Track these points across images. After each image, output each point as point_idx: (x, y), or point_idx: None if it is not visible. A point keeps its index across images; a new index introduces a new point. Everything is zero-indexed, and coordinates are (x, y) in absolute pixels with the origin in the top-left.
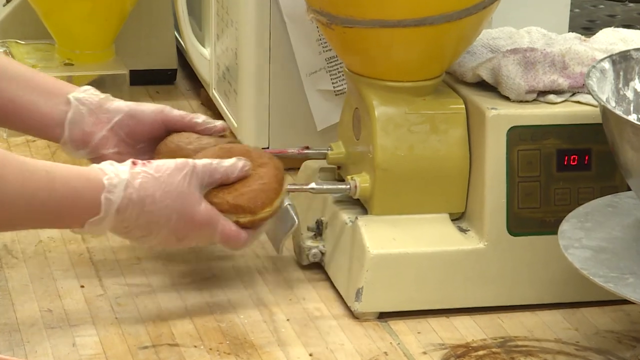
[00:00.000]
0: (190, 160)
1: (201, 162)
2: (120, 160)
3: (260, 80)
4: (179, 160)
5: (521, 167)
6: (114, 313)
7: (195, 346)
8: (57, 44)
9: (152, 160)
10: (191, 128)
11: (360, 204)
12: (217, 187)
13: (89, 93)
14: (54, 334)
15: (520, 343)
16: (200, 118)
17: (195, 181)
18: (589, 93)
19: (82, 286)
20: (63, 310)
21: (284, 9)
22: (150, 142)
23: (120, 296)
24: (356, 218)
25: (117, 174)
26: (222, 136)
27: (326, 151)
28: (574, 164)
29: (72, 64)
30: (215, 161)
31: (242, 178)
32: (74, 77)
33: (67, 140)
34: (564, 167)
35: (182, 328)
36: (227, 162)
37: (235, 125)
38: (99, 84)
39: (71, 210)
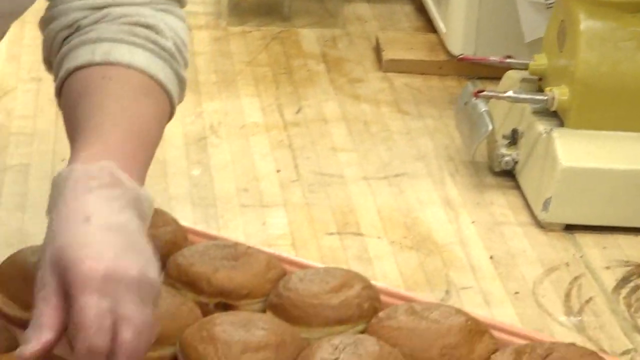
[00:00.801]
0: None
1: None
2: None
3: None
4: None
5: None
6: (305, 199)
7: (379, 237)
8: None
9: None
10: None
11: (557, 117)
12: None
13: None
14: (247, 212)
15: None
16: None
17: None
18: None
19: (278, 170)
20: (258, 192)
21: None
22: None
23: (313, 184)
24: (551, 129)
25: None
26: None
27: (528, 62)
28: None
29: None
30: None
31: None
32: None
33: None
34: None
35: (369, 219)
36: None
37: (444, 30)
38: None
39: None
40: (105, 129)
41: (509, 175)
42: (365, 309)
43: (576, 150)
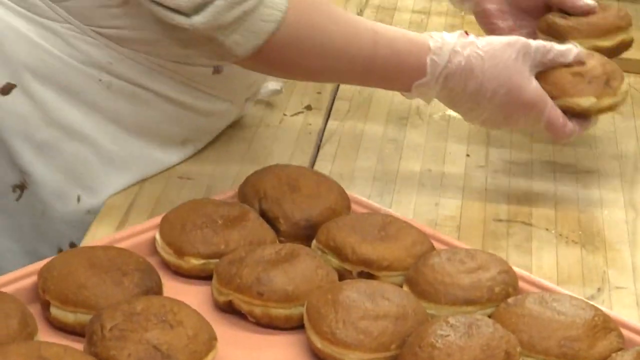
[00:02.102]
0: (522, 38)
1: (535, 41)
2: (500, 19)
3: None
4: (512, 37)
5: None
6: (485, 184)
7: (547, 229)
8: None
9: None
10: (562, 3)
11: None
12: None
13: None
14: (423, 190)
15: None
16: None
17: (527, 59)
18: None
19: (468, 155)
20: (442, 173)
21: None
22: (531, 13)
23: (498, 171)
24: None
25: (444, 39)
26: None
27: None
28: None
29: None
30: (549, 43)
31: (575, 63)
32: None
33: None
34: None
35: (543, 211)
36: (562, 46)
37: None
38: None
39: (396, 71)
40: None
41: None
42: (496, 292)
43: None
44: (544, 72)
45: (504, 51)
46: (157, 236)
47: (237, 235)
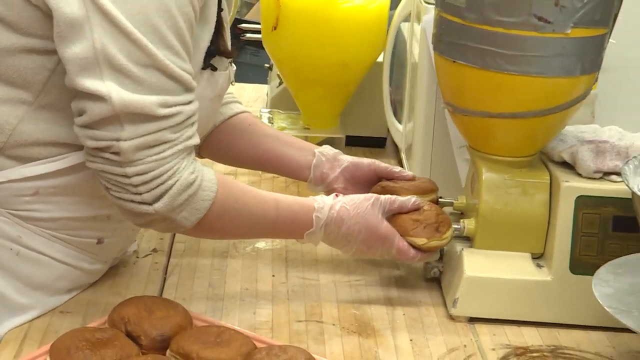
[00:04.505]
0: (375, 195)
1: (383, 196)
2: (345, 193)
3: (425, 151)
4: (367, 195)
5: (584, 226)
6: (288, 296)
7: (334, 324)
8: (302, 115)
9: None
10: (391, 175)
11: (469, 240)
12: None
13: (327, 149)
14: (244, 304)
15: (567, 351)
16: (397, 169)
17: (379, 207)
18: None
19: (273, 275)
20: (256, 290)
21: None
22: (365, 184)
23: (296, 285)
24: (463, 249)
25: (324, 201)
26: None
27: (454, 201)
28: (625, 226)
29: (309, 128)
30: (394, 196)
31: (414, 210)
32: (309, 137)
33: (311, 179)
34: (617, 229)
35: (330, 311)
36: (404, 198)
37: None
38: (324, 143)
39: (292, 226)
40: None
41: (436, 281)
42: None
43: (477, 264)
44: (395, 217)
45: (362, 203)
46: None
47: (110, 352)
